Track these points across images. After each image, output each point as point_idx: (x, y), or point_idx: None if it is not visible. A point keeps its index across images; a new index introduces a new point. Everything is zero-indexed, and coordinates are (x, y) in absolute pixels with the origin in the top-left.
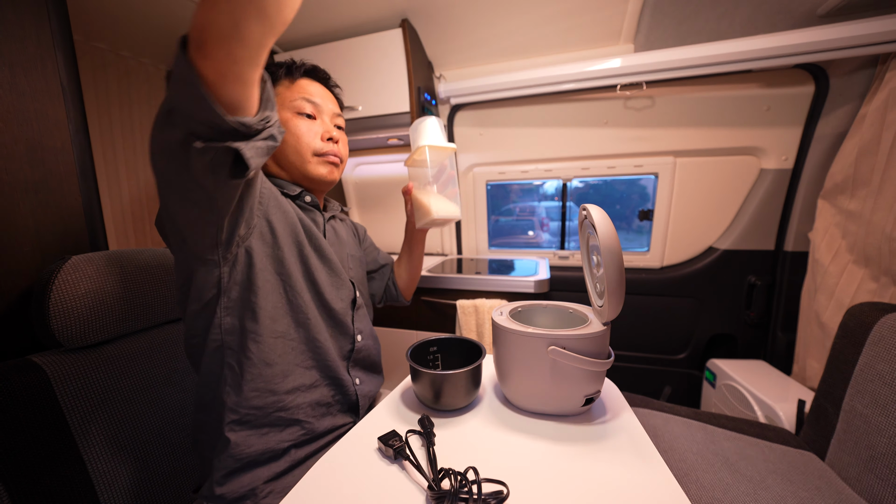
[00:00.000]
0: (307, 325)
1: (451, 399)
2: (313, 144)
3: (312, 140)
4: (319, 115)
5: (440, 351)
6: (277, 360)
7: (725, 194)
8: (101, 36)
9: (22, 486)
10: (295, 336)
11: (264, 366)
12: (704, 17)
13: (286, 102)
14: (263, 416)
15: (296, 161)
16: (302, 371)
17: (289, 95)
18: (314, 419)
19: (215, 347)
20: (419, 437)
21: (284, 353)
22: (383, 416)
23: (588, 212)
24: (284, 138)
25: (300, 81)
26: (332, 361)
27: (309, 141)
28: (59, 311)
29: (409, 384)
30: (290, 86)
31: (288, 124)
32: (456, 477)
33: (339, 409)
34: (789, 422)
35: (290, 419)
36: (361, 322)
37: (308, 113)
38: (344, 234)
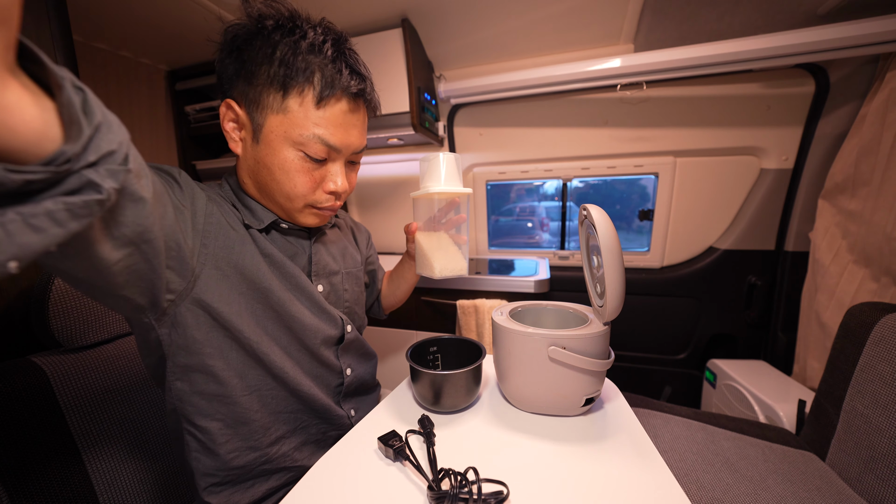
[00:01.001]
0: (284, 374)
1: (451, 399)
2: (311, 197)
3: (311, 192)
4: (334, 158)
5: (440, 351)
6: (255, 416)
7: (726, 194)
8: (101, 36)
9: (21, 486)
10: (272, 384)
11: (240, 425)
12: (704, 17)
13: (292, 131)
14: (246, 473)
15: (283, 203)
16: (286, 417)
17: (302, 124)
18: (305, 459)
19: (171, 409)
20: (419, 437)
21: (262, 405)
22: (383, 416)
23: (588, 212)
24: (272, 172)
25: (333, 106)
26: (320, 401)
27: (305, 192)
28: (58, 311)
29: (409, 384)
30: (310, 109)
31: (282, 160)
32: (456, 477)
33: (333, 440)
34: (790, 422)
35: (276, 468)
36: (349, 356)
37: (318, 158)
38: (337, 249)
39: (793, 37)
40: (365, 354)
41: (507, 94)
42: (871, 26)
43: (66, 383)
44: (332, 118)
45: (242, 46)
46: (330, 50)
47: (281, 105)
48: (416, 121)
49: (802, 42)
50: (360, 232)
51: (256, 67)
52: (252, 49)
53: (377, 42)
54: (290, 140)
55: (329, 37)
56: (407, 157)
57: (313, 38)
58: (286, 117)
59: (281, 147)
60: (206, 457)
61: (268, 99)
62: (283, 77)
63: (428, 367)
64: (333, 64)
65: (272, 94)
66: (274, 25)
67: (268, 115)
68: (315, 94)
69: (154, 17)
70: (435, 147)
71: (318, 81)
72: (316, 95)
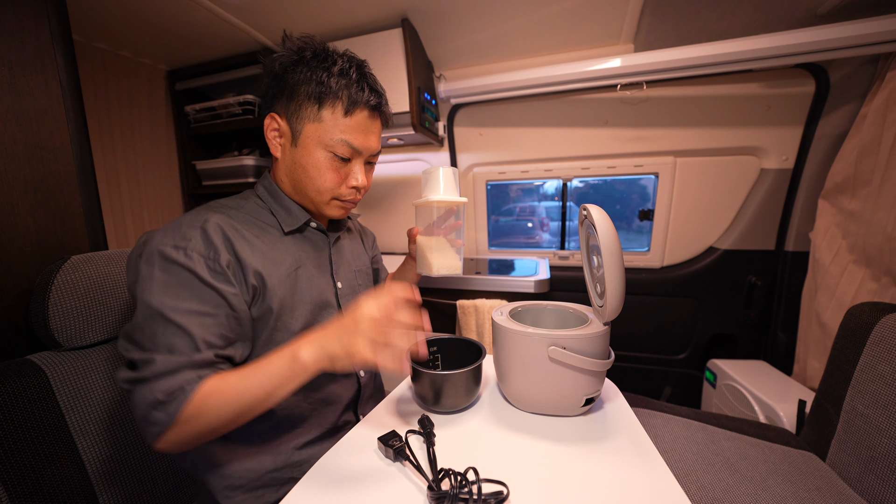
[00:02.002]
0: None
1: (451, 399)
2: (337, 191)
3: (337, 186)
4: (356, 158)
5: (440, 351)
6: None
7: (726, 194)
8: (101, 36)
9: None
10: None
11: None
12: (704, 17)
13: (324, 136)
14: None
15: (313, 197)
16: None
17: (332, 130)
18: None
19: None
20: (419, 437)
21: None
22: (383, 416)
23: (588, 212)
24: (307, 170)
25: (357, 116)
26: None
27: (333, 187)
28: (58, 311)
29: (409, 384)
30: (340, 118)
31: (315, 160)
32: (456, 477)
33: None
34: (790, 422)
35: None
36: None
37: (344, 157)
38: (349, 251)
39: (793, 37)
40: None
41: (507, 94)
42: (871, 26)
43: (66, 383)
44: (355, 125)
45: (286, 71)
46: (355, 74)
47: (317, 115)
48: (416, 121)
49: (802, 42)
50: (367, 235)
51: (298, 86)
52: (294, 73)
53: (377, 42)
54: (322, 143)
55: (354, 63)
56: (407, 157)
57: (342, 65)
58: (320, 125)
59: (315, 149)
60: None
61: (306, 111)
62: (318, 94)
63: (428, 368)
64: (357, 84)
65: (310, 106)
66: (312, 55)
67: (305, 123)
68: (343, 106)
69: (154, 17)
70: (435, 147)
71: (346, 97)
72: (344, 107)
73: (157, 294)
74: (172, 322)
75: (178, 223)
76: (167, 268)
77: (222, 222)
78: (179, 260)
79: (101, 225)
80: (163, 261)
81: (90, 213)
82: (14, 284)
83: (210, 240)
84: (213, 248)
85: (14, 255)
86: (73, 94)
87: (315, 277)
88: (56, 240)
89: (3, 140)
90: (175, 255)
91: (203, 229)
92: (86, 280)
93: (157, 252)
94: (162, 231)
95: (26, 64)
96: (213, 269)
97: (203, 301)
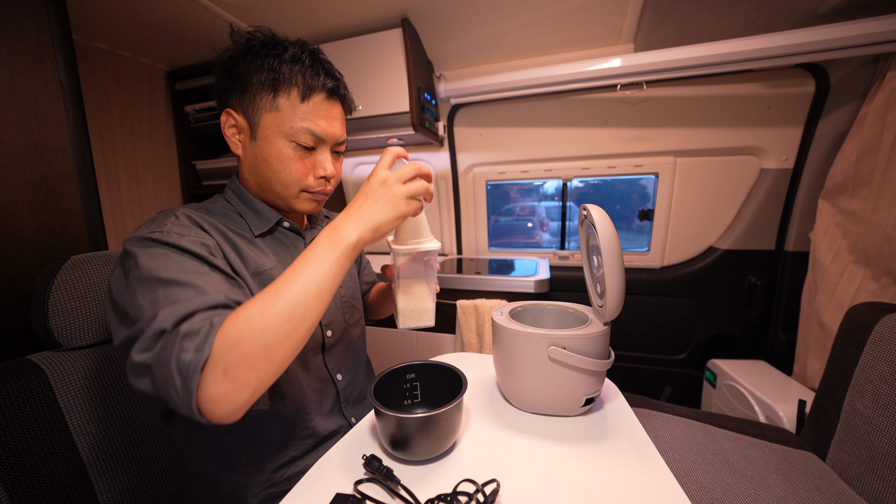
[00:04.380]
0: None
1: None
2: (304, 182)
3: (304, 177)
4: (320, 147)
5: (419, 379)
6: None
7: (726, 194)
8: (101, 36)
9: (21, 486)
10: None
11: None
12: (704, 17)
13: (284, 125)
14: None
15: (280, 192)
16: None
17: (291, 118)
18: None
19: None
20: (376, 484)
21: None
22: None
23: (588, 212)
24: (270, 163)
25: (314, 100)
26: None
27: (300, 178)
28: (58, 311)
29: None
30: (297, 104)
31: (277, 151)
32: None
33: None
34: (790, 422)
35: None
36: (337, 360)
37: (308, 146)
38: None
39: (793, 37)
40: (353, 355)
41: (506, 94)
42: (871, 26)
43: (66, 383)
44: (315, 111)
45: (237, 63)
46: (308, 59)
47: (273, 104)
48: (416, 121)
49: (802, 42)
50: None
51: (250, 77)
52: (245, 63)
53: (377, 42)
54: (282, 133)
55: (306, 49)
56: None
57: (293, 51)
58: (278, 114)
59: (275, 139)
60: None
61: (261, 101)
62: (272, 81)
63: (406, 399)
64: (312, 69)
65: (264, 96)
66: (261, 44)
67: (262, 114)
68: (299, 91)
69: (154, 17)
70: (435, 147)
71: (301, 82)
72: (300, 93)
73: (147, 268)
74: (172, 281)
75: (149, 220)
76: (150, 248)
77: (192, 214)
78: (160, 238)
79: (101, 225)
80: (142, 244)
81: (90, 213)
82: (14, 284)
83: (186, 225)
84: (191, 229)
85: (14, 255)
86: (73, 94)
87: None
88: (56, 240)
89: (3, 140)
90: (154, 237)
91: (175, 215)
92: (86, 280)
93: (136, 241)
94: (135, 231)
95: (26, 64)
96: (195, 242)
97: (193, 267)
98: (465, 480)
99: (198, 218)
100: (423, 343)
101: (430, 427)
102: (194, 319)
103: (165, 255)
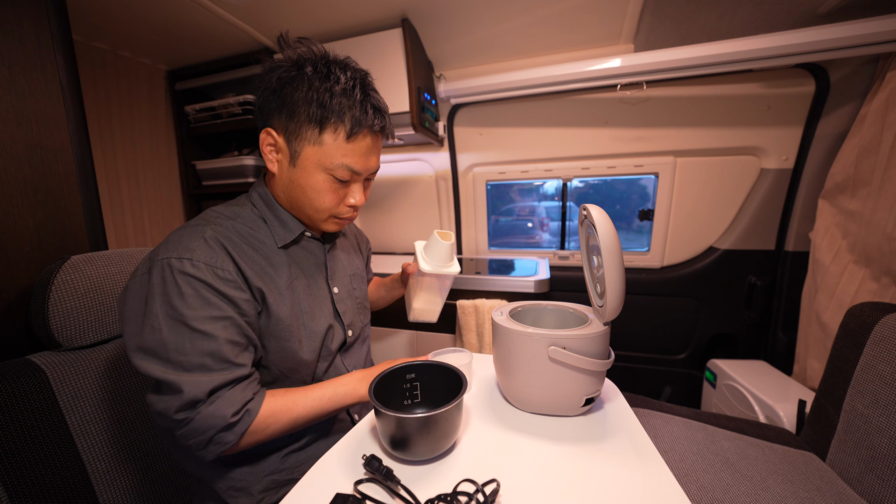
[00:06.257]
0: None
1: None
2: (335, 210)
3: (335, 206)
4: (355, 178)
5: (419, 378)
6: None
7: (726, 194)
8: (101, 36)
9: (21, 486)
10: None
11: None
12: (704, 17)
13: (325, 160)
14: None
15: (310, 214)
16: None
17: (334, 154)
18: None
19: None
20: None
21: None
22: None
23: (588, 212)
24: (305, 191)
25: (359, 139)
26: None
27: (331, 207)
28: (58, 311)
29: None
30: (342, 143)
31: (314, 182)
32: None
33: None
34: (790, 422)
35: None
36: (353, 357)
37: (343, 179)
38: (344, 256)
39: (793, 37)
40: (365, 352)
41: (507, 94)
42: (871, 26)
43: (66, 383)
44: (357, 150)
45: (284, 86)
46: (359, 93)
47: (317, 139)
48: (416, 121)
49: (802, 42)
50: (362, 239)
51: (297, 106)
52: (293, 89)
53: (377, 42)
54: (322, 166)
55: (357, 79)
56: (407, 157)
57: (345, 83)
58: (321, 148)
59: (314, 171)
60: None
61: (306, 132)
62: (320, 117)
63: (405, 399)
64: (361, 105)
65: (310, 129)
66: (312, 71)
67: (305, 145)
68: (346, 130)
69: (154, 16)
70: (435, 147)
71: (349, 120)
72: (347, 132)
73: (176, 306)
74: (198, 331)
75: (178, 235)
76: (178, 280)
77: (219, 235)
78: (187, 270)
79: (101, 225)
80: (172, 273)
81: (90, 213)
82: (14, 284)
83: (213, 249)
84: (217, 256)
85: (14, 255)
86: (73, 94)
87: (311, 286)
88: (56, 240)
89: (3, 140)
90: (182, 266)
91: (204, 239)
92: (86, 280)
93: (166, 265)
94: (164, 245)
95: (26, 64)
96: (221, 276)
97: (218, 308)
98: (465, 480)
99: (225, 241)
100: (423, 343)
101: (430, 427)
102: (232, 397)
103: (193, 294)
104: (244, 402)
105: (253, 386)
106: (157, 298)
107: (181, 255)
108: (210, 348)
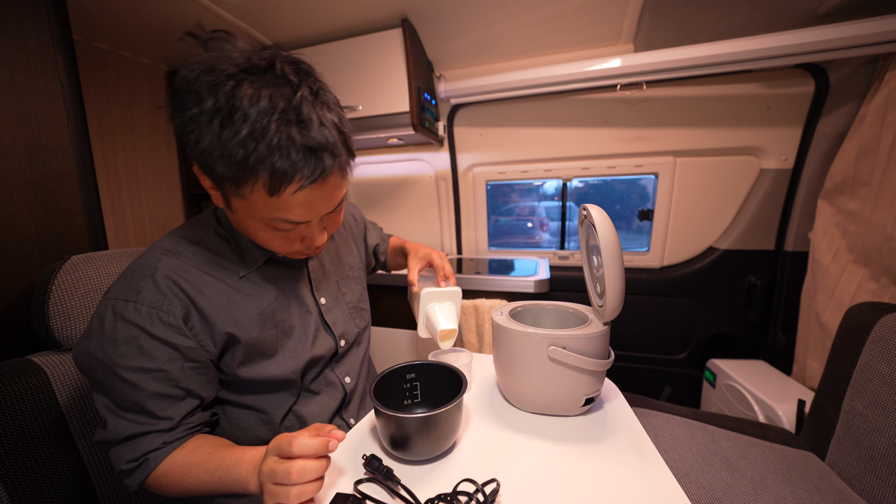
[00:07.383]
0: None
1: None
2: (291, 250)
3: (290, 247)
4: (307, 223)
5: (419, 378)
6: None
7: (725, 194)
8: (101, 36)
9: (21, 486)
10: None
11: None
12: (704, 17)
13: (256, 213)
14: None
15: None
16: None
17: (262, 209)
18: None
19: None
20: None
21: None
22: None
23: (588, 212)
24: (251, 234)
25: (286, 194)
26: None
27: (285, 248)
28: (58, 310)
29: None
30: (266, 198)
31: (256, 229)
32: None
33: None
34: (789, 422)
35: None
36: (347, 365)
37: (287, 229)
38: (331, 260)
39: (793, 37)
40: (360, 356)
41: (506, 94)
42: (871, 26)
43: (66, 383)
44: (293, 202)
45: (186, 130)
46: (276, 135)
47: (237, 192)
48: (416, 121)
49: (802, 42)
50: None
51: (205, 157)
52: (198, 135)
53: (377, 42)
54: (255, 218)
55: (276, 109)
56: (407, 157)
57: (254, 122)
58: (247, 202)
59: (250, 220)
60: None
61: (226, 185)
62: (230, 175)
63: (405, 399)
64: (281, 151)
65: (228, 184)
66: (213, 107)
67: (230, 196)
68: (266, 188)
69: (154, 16)
70: (435, 147)
71: (267, 174)
72: (267, 189)
73: (109, 352)
74: (126, 381)
75: (131, 270)
76: (117, 326)
77: (176, 270)
78: (128, 316)
79: (101, 225)
80: (113, 317)
81: (90, 212)
82: (14, 284)
83: (160, 290)
84: (164, 298)
85: (14, 255)
86: (73, 94)
87: (293, 303)
88: (56, 240)
89: (3, 140)
90: (124, 310)
91: (153, 279)
92: (86, 280)
93: (110, 307)
94: (118, 281)
95: (26, 64)
96: (164, 321)
97: (152, 358)
98: (465, 480)
99: (180, 278)
100: (423, 342)
101: (430, 427)
102: (137, 445)
103: (126, 342)
104: (146, 451)
105: (168, 435)
106: (93, 339)
107: (126, 297)
108: (135, 398)
